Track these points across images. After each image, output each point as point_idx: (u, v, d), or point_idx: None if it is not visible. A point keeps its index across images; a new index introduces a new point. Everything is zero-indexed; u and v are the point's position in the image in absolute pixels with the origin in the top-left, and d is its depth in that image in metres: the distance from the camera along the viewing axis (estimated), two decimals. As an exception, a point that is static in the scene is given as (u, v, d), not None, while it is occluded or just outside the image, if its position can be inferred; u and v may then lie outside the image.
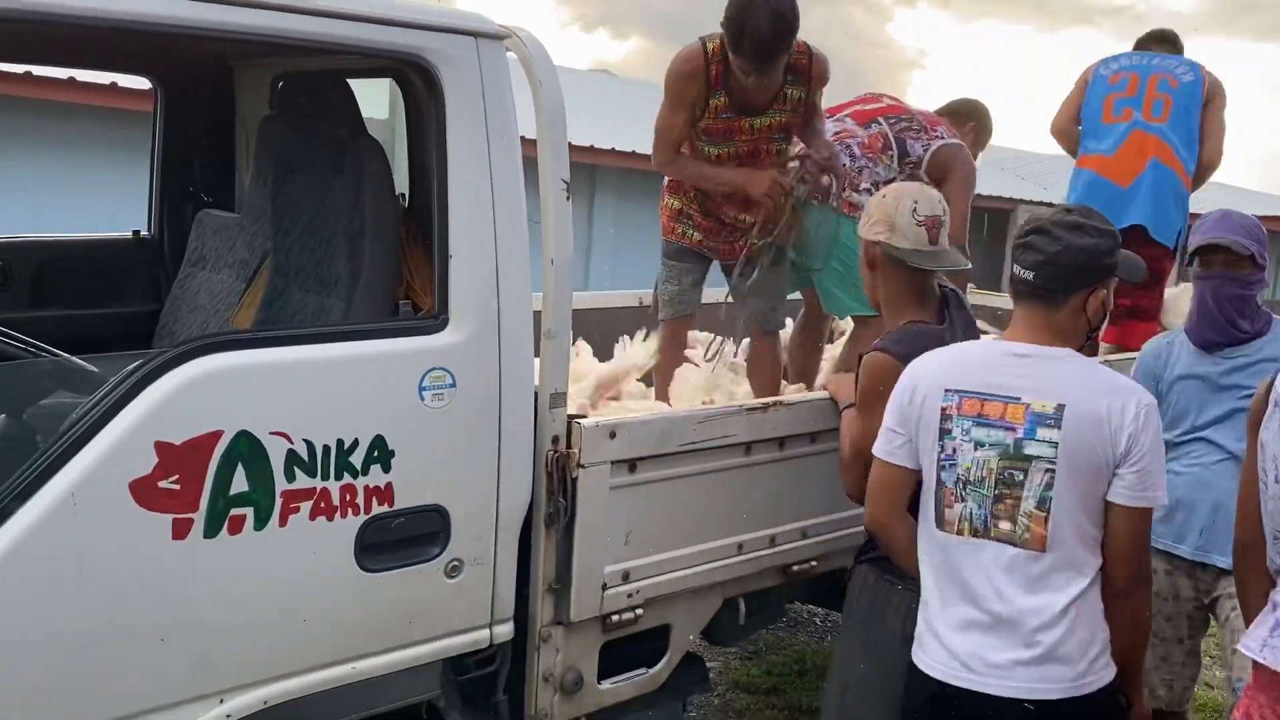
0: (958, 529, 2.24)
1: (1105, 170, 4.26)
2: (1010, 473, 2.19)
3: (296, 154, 2.64)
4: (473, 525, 2.34)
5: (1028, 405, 2.18)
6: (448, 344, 2.26)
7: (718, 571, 2.81)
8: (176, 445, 1.94)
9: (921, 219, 2.60)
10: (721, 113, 3.32)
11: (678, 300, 3.71)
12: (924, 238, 2.61)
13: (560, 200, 2.40)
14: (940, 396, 2.26)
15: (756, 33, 3.03)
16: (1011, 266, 2.31)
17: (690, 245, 3.63)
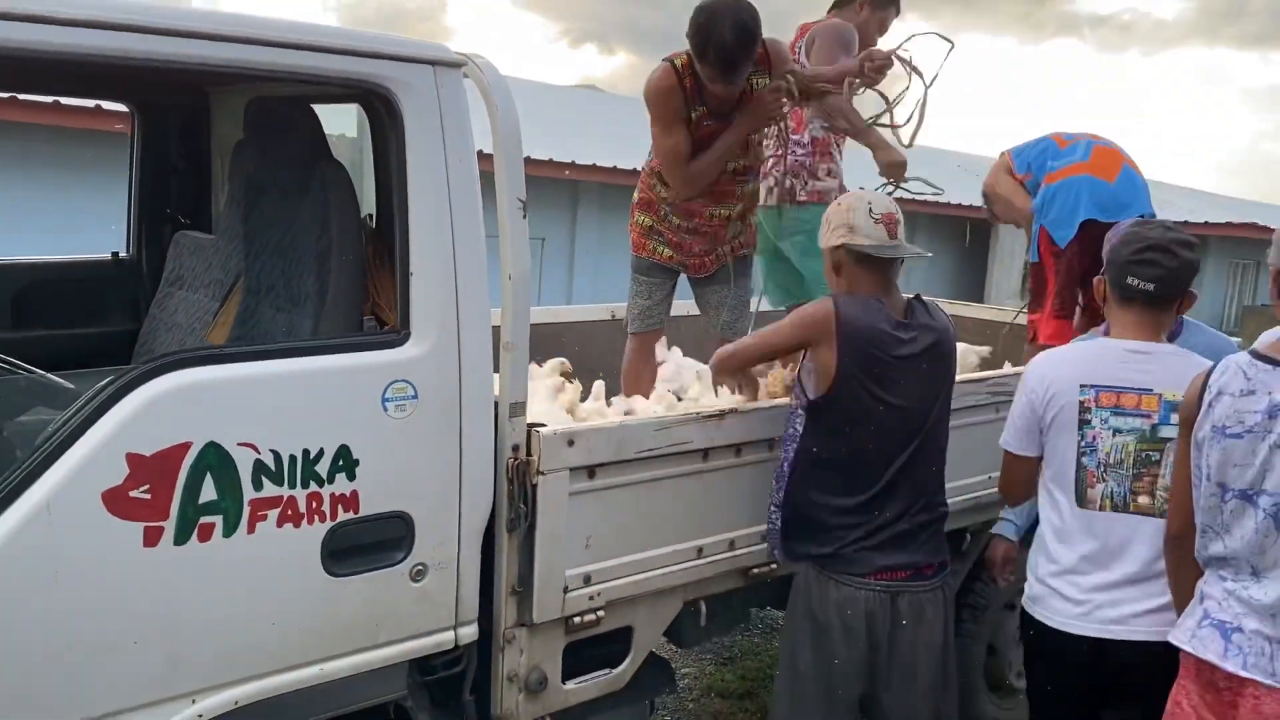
0: (1099, 505, 2.64)
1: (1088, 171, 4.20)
2: (1147, 454, 2.60)
3: (266, 177, 2.74)
4: (436, 531, 2.44)
5: (1160, 395, 2.59)
6: (409, 357, 2.36)
7: (678, 574, 2.91)
8: (147, 456, 2.04)
9: (878, 216, 2.76)
10: (704, 121, 3.46)
11: (648, 314, 3.84)
12: (884, 234, 2.76)
13: (516, 218, 2.51)
14: (1076, 392, 2.65)
15: (721, 43, 3.18)
16: (1126, 278, 2.63)
17: (660, 261, 3.75)
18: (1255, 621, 2.18)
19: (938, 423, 2.87)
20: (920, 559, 2.81)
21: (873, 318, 2.75)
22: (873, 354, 2.73)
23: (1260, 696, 2.14)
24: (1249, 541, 2.20)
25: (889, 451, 2.78)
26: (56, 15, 1.95)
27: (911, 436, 2.79)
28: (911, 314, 2.83)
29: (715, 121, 3.47)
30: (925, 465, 2.85)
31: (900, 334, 2.77)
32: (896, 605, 2.77)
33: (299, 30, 2.27)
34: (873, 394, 2.74)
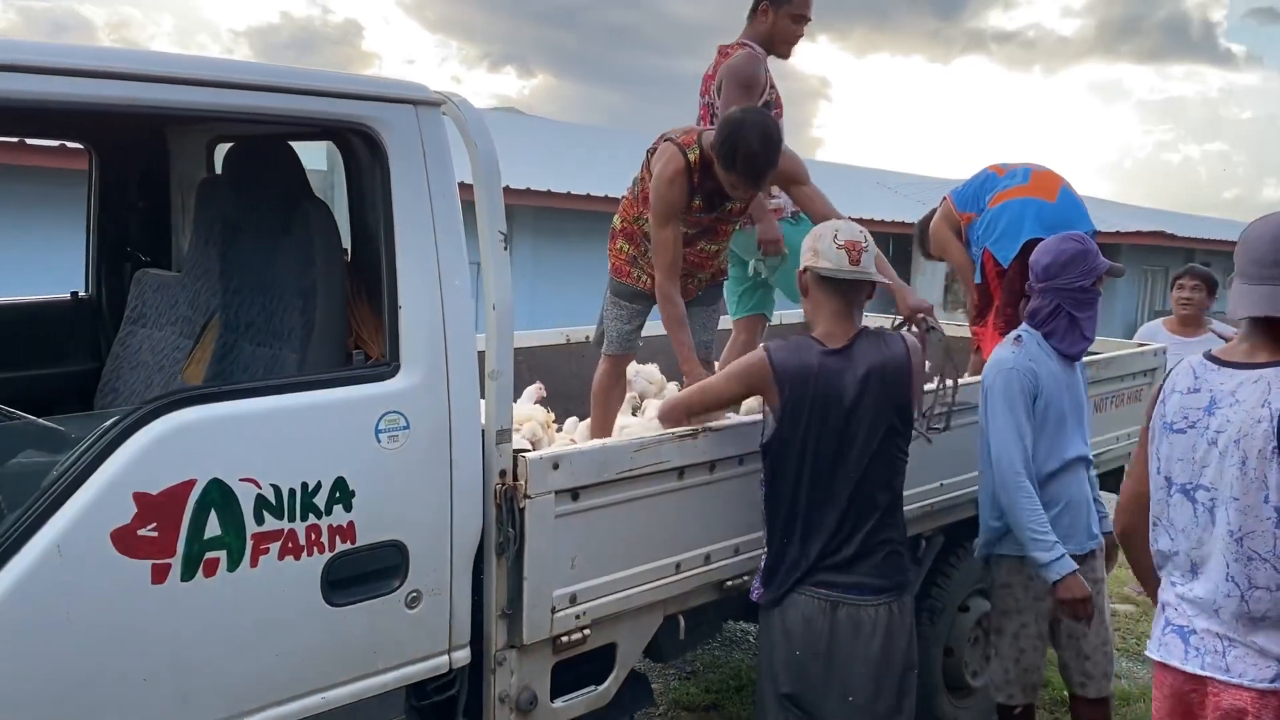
0: None
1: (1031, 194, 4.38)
2: None
3: (244, 216, 2.78)
4: (429, 557, 2.50)
5: None
6: (400, 389, 2.43)
7: (658, 590, 3.00)
8: (154, 495, 2.07)
9: (842, 242, 2.87)
10: (697, 212, 3.62)
11: (626, 339, 3.94)
12: (844, 259, 2.87)
13: (498, 250, 2.59)
14: None
15: (750, 154, 3.30)
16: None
17: (644, 289, 3.84)
18: (1204, 620, 2.33)
19: (883, 450, 2.87)
20: (866, 580, 2.86)
21: (802, 355, 2.89)
22: (807, 390, 2.86)
23: (1219, 693, 2.28)
24: (1189, 535, 2.36)
25: (833, 479, 2.86)
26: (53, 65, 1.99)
27: (855, 463, 2.85)
28: (853, 343, 2.89)
29: (706, 214, 3.62)
30: (872, 490, 2.88)
31: (832, 362, 2.86)
32: (835, 615, 2.86)
33: (285, 75, 2.33)
34: (810, 428, 2.86)
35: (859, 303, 2.95)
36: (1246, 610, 2.25)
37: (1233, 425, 2.25)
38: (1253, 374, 2.27)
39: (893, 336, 2.97)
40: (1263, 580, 2.23)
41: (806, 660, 2.88)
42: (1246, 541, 2.24)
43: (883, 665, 2.85)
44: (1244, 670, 2.25)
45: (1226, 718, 2.27)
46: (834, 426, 2.85)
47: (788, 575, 2.92)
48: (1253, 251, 2.31)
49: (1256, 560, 2.23)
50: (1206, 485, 2.31)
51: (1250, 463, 2.22)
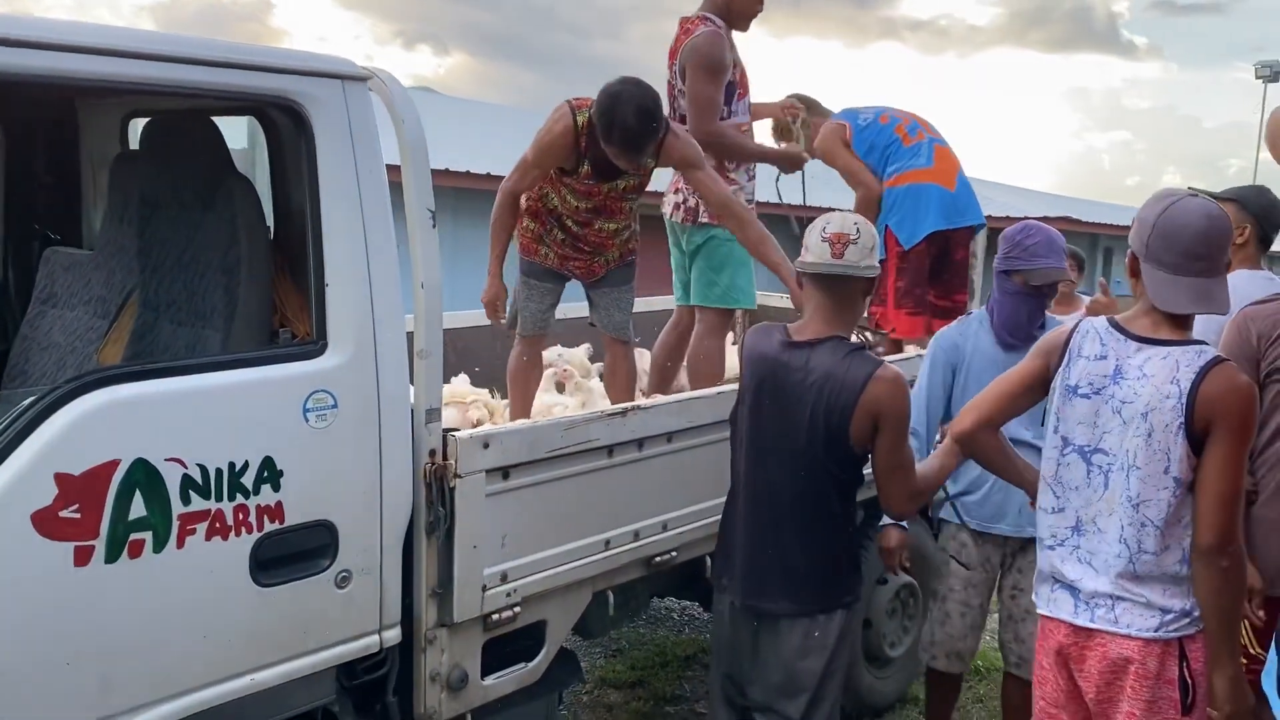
0: None
1: (934, 179, 4.53)
2: None
3: (164, 192, 2.71)
4: (359, 537, 2.48)
5: None
6: (328, 367, 2.40)
7: (588, 567, 3.02)
8: (76, 476, 2.02)
9: (828, 235, 2.72)
10: (585, 179, 3.60)
11: (537, 318, 3.92)
12: (826, 252, 2.71)
13: (426, 228, 2.58)
14: None
15: (624, 126, 3.30)
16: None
17: (550, 266, 3.83)
18: (1092, 576, 2.43)
19: (812, 466, 2.73)
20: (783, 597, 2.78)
21: (764, 342, 2.86)
22: (754, 374, 2.85)
23: (1107, 644, 2.40)
24: (1080, 494, 2.46)
25: (761, 474, 2.81)
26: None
27: (784, 466, 2.76)
28: (817, 344, 2.73)
29: (594, 181, 3.61)
30: (800, 501, 2.76)
31: (785, 355, 2.76)
32: (759, 614, 2.84)
33: (206, 47, 2.28)
34: (750, 414, 2.85)
35: (847, 300, 2.76)
36: (1133, 570, 2.36)
37: (1140, 398, 2.34)
38: (1161, 350, 2.36)
39: (863, 360, 2.69)
40: (1150, 545, 2.35)
41: (735, 646, 2.90)
42: (1142, 508, 2.35)
43: (797, 672, 2.80)
44: (1131, 621, 2.37)
45: (1113, 666, 2.39)
46: (769, 420, 2.79)
47: (722, 555, 2.96)
48: (1180, 243, 2.33)
49: (1149, 526, 2.34)
50: (1106, 450, 2.41)
51: (1156, 435, 2.32)
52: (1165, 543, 2.34)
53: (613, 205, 3.70)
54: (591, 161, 3.55)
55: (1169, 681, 2.35)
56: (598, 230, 3.74)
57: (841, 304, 2.78)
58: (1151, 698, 2.36)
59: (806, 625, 2.80)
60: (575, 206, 3.67)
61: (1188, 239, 2.32)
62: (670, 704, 4.49)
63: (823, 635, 2.81)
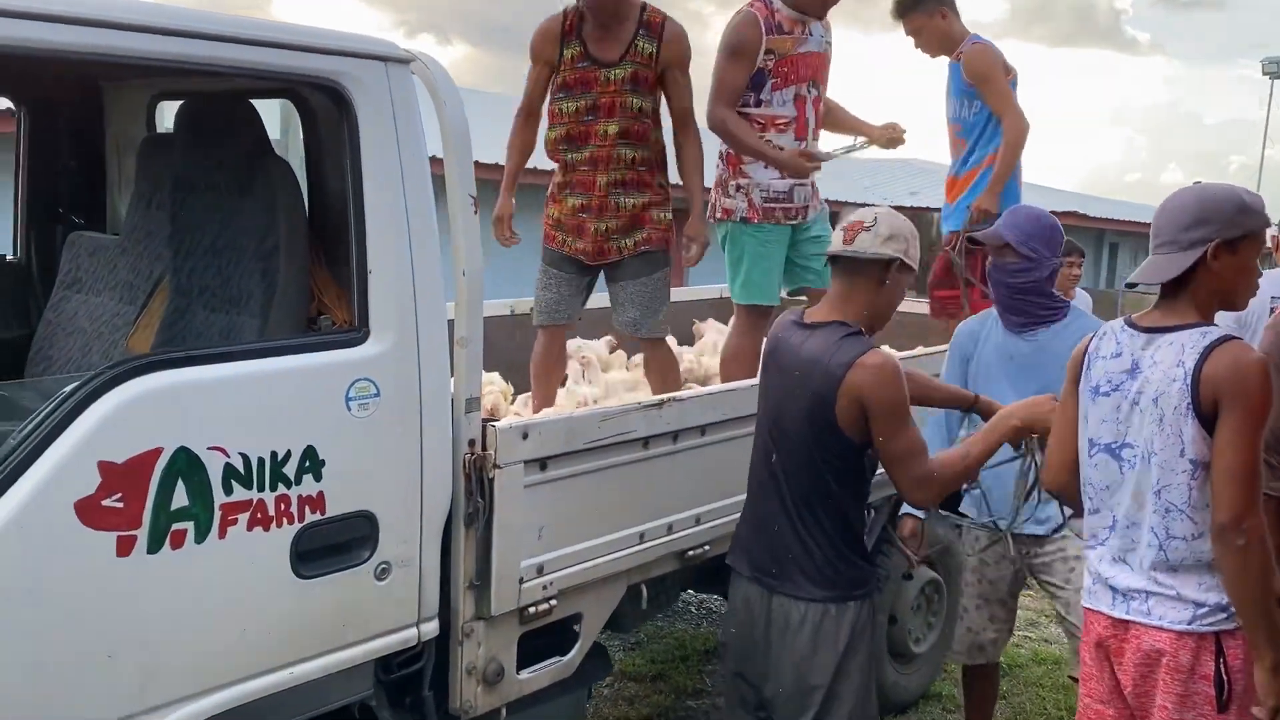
0: None
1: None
2: None
3: (198, 175, 2.66)
4: (399, 528, 2.44)
5: None
6: (371, 355, 2.35)
7: (622, 560, 2.98)
8: (118, 464, 1.98)
9: (844, 225, 2.69)
10: (577, 62, 3.58)
11: (554, 308, 3.86)
12: (839, 239, 2.69)
13: (468, 214, 2.53)
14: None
15: None
16: None
17: (570, 253, 3.78)
18: (1128, 571, 2.41)
19: (807, 450, 2.65)
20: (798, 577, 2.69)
21: (779, 323, 2.85)
22: (764, 355, 2.84)
23: (1140, 635, 2.38)
24: (1112, 491, 2.45)
25: (770, 457, 2.75)
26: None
27: (787, 450, 2.70)
28: (820, 326, 2.68)
29: (588, 65, 3.60)
30: (804, 485, 2.68)
31: (793, 335, 2.73)
32: (770, 604, 2.73)
33: (247, 25, 2.23)
34: (762, 393, 2.83)
35: (857, 286, 2.68)
36: (1165, 559, 2.34)
37: (1151, 385, 2.35)
38: (1168, 336, 2.37)
39: (851, 345, 2.59)
40: (1179, 531, 2.33)
41: (747, 642, 2.80)
42: (1165, 494, 2.34)
43: (809, 668, 2.68)
44: (1164, 614, 2.35)
45: (1147, 658, 2.37)
46: (774, 401, 2.76)
47: (737, 542, 2.90)
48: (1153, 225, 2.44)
49: (1174, 511, 2.33)
50: (1132, 443, 2.41)
51: (1167, 419, 2.32)
52: (1196, 528, 2.32)
53: (613, 102, 3.61)
54: (581, 40, 3.57)
55: (1203, 677, 2.32)
56: (602, 138, 3.63)
57: (851, 290, 2.71)
58: (1184, 692, 2.33)
59: (816, 616, 2.68)
60: (574, 112, 3.63)
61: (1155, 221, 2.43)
62: (692, 698, 4.46)
63: (834, 629, 2.69)
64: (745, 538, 2.85)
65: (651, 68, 3.62)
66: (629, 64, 3.59)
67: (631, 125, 3.64)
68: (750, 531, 2.82)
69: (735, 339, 4.12)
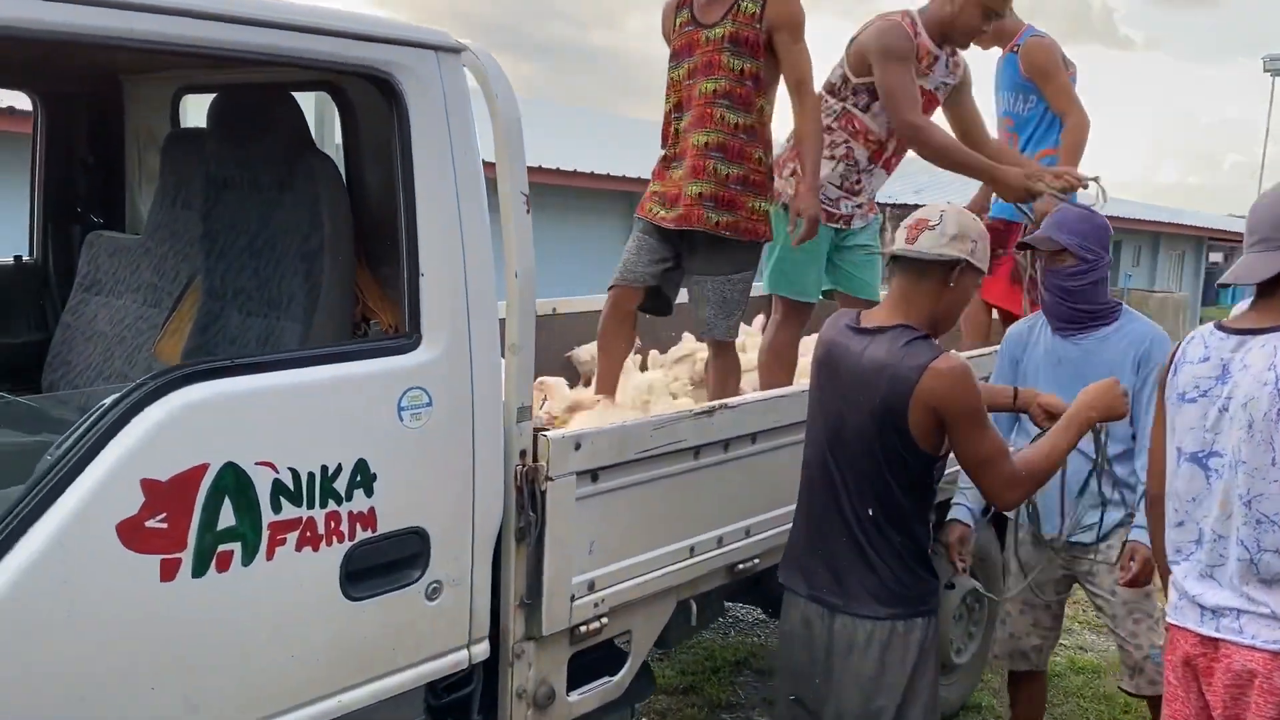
0: None
1: None
2: None
3: (234, 172, 2.52)
4: (451, 545, 2.30)
5: None
6: (423, 362, 2.22)
7: (672, 575, 2.85)
8: (162, 482, 1.84)
9: (907, 223, 2.58)
10: (684, 27, 3.52)
11: (628, 266, 3.62)
12: (902, 238, 2.57)
13: (521, 212, 2.39)
14: None
15: None
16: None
17: (650, 219, 3.61)
18: (1217, 587, 2.30)
19: (870, 461, 2.52)
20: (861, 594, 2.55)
21: (831, 327, 2.69)
22: (817, 361, 2.68)
23: (1231, 654, 2.27)
24: (1199, 503, 2.33)
25: (826, 468, 2.61)
26: None
27: (845, 461, 2.56)
28: (880, 331, 2.54)
29: (693, 27, 3.51)
30: (863, 497, 2.54)
31: (847, 339, 2.59)
32: (832, 624, 2.59)
33: (291, 10, 2.08)
34: (814, 399, 2.68)
35: (920, 288, 2.55)
36: (1256, 574, 2.24)
37: (1241, 389, 2.25)
38: (1260, 339, 2.26)
39: (920, 350, 2.45)
40: (1270, 543, 2.22)
41: (805, 665, 2.65)
42: (1255, 505, 2.23)
43: (876, 688, 2.54)
44: (1257, 632, 2.24)
45: (1238, 679, 2.26)
46: (833, 411, 2.59)
47: (790, 559, 2.75)
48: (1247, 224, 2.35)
49: (1265, 523, 2.22)
50: (1219, 451, 2.30)
51: (1256, 426, 2.21)
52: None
53: (712, 60, 3.46)
54: (690, 7, 3.53)
55: None
56: (700, 97, 3.48)
57: (913, 292, 2.57)
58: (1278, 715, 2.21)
59: (884, 635, 2.54)
60: (680, 77, 3.54)
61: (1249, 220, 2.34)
62: (726, 711, 4.33)
63: (901, 647, 2.56)
64: (800, 555, 2.70)
65: (755, 28, 3.42)
66: (729, 23, 3.43)
67: (733, 87, 3.44)
68: (806, 548, 2.67)
69: (773, 334, 3.96)
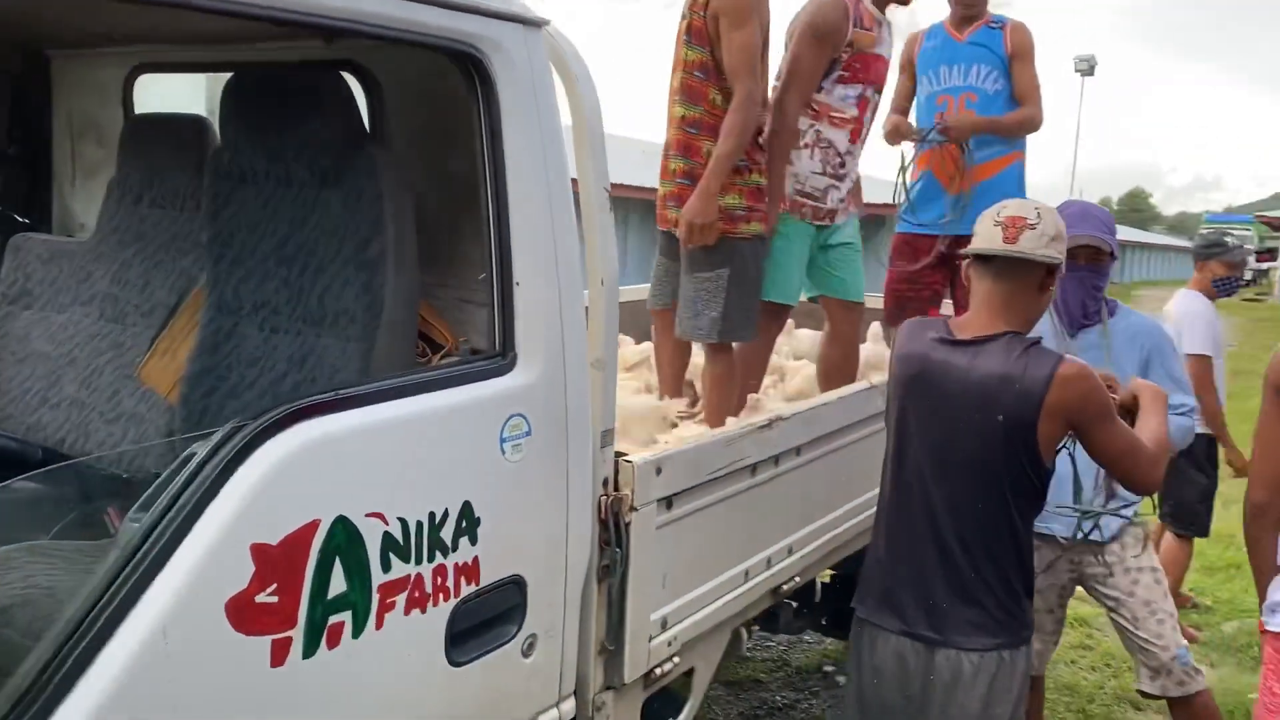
0: None
1: None
2: None
3: (258, 164, 2.14)
4: (546, 592, 2.02)
5: None
6: (521, 385, 1.92)
7: (733, 603, 2.63)
8: (273, 546, 1.50)
9: (1001, 219, 2.38)
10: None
11: (651, 287, 3.60)
12: (998, 236, 2.36)
13: (605, 210, 2.12)
14: None
15: None
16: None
17: (665, 227, 3.44)
18: None
19: (987, 482, 2.36)
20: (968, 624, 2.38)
21: (921, 335, 2.50)
22: (907, 374, 2.48)
23: None
24: None
25: (924, 494, 2.42)
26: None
27: (950, 484, 2.39)
28: (985, 341, 2.37)
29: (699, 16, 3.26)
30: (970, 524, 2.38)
31: (946, 354, 2.41)
32: (933, 659, 2.41)
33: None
34: (905, 421, 2.47)
35: (1020, 291, 2.38)
36: None
37: None
38: None
39: (1040, 358, 2.31)
40: None
41: (899, 704, 2.45)
42: None
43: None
44: None
45: None
46: (929, 428, 2.42)
47: (872, 593, 2.52)
48: None
49: None
50: None
51: None
52: None
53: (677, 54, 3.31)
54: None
55: None
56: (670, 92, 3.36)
57: (1013, 295, 2.39)
58: None
59: (993, 666, 2.39)
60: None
61: None
62: None
63: (1009, 677, 2.42)
64: (888, 588, 2.48)
65: (702, 15, 3.22)
66: (688, 13, 3.24)
67: (685, 80, 3.26)
68: (895, 581, 2.46)
69: None
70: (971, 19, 4.19)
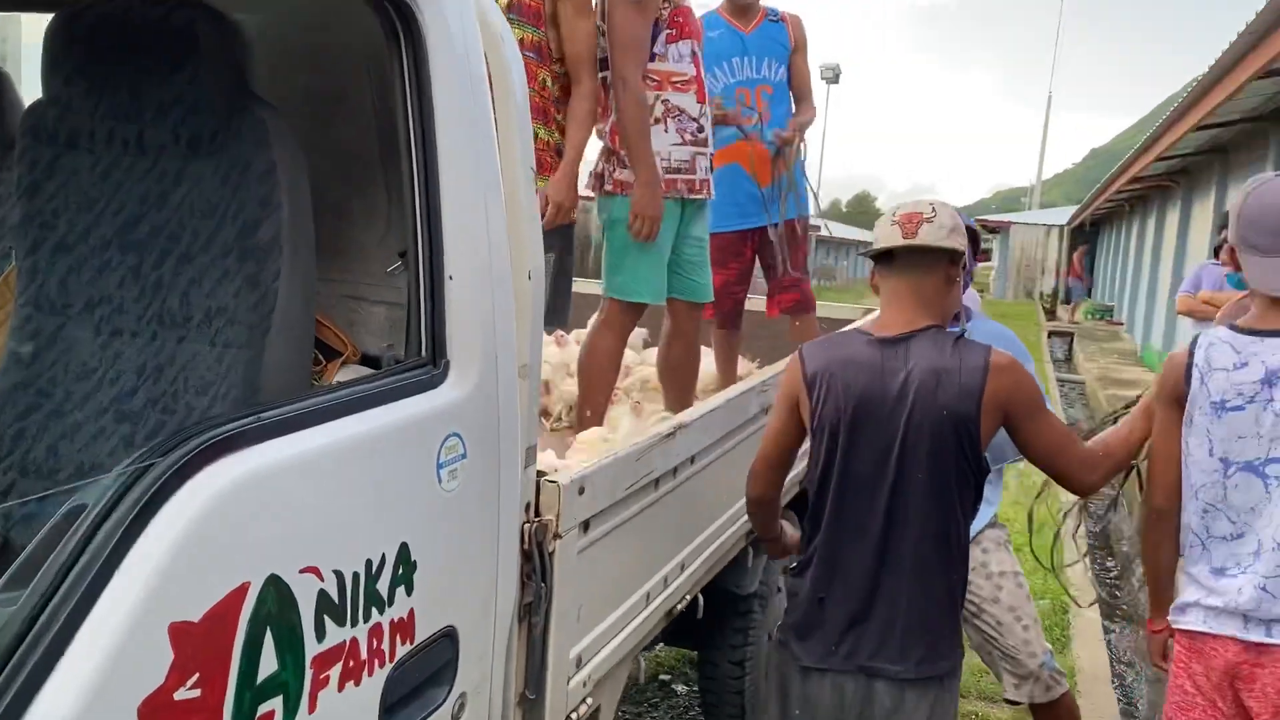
0: None
1: None
2: None
3: (96, 125, 1.69)
4: (476, 643, 1.71)
5: None
6: (456, 400, 1.60)
7: (636, 630, 2.39)
8: (195, 625, 1.13)
9: (896, 219, 2.30)
10: None
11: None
12: (896, 233, 2.28)
13: (530, 195, 1.83)
14: None
15: None
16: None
17: None
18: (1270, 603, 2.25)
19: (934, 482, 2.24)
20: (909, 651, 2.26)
21: (838, 346, 2.37)
22: (835, 385, 2.29)
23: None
24: (1258, 512, 2.28)
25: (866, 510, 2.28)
26: None
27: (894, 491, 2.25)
28: (911, 336, 2.28)
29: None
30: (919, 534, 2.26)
31: (874, 355, 2.29)
32: (871, 691, 2.27)
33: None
34: (839, 434, 2.28)
35: (931, 287, 2.31)
36: None
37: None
38: None
39: (971, 349, 2.25)
40: None
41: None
42: None
43: None
44: None
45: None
46: (868, 438, 2.26)
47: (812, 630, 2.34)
48: (1268, 223, 2.26)
49: None
50: (1278, 458, 2.24)
51: None
52: None
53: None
54: None
55: None
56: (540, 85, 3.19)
57: (922, 289, 2.32)
58: None
59: (934, 693, 2.27)
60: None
61: (1274, 218, 2.25)
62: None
63: (949, 701, 2.31)
64: (829, 622, 2.29)
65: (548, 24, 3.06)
66: (517, 23, 3.03)
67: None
68: (839, 612, 2.28)
69: (595, 338, 3.51)
70: (748, 9, 4.24)
